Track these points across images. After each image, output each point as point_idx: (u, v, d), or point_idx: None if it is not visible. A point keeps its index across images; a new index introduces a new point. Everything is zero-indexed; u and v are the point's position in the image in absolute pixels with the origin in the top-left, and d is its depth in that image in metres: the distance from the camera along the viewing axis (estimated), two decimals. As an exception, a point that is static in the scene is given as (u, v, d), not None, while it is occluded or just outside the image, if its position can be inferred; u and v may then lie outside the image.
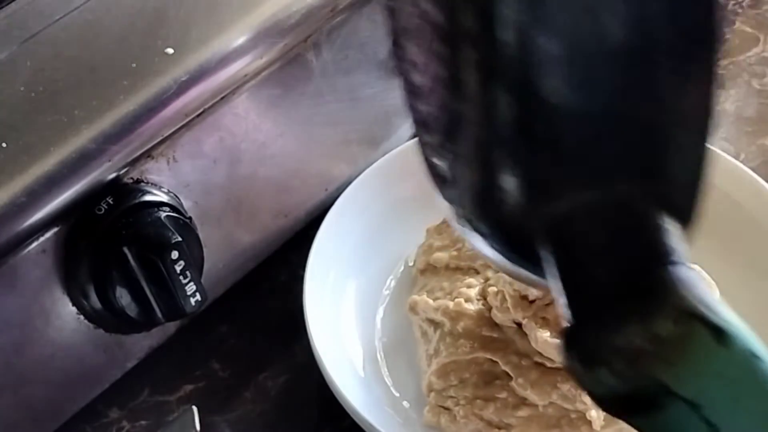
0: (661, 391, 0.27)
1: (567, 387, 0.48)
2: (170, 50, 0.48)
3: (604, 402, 0.29)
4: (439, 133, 0.30)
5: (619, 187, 0.29)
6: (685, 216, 0.31)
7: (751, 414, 0.27)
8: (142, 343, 0.53)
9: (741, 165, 0.59)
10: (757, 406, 0.27)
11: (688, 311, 0.27)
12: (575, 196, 0.29)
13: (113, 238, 0.46)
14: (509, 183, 0.29)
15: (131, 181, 0.48)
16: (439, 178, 0.31)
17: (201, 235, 0.50)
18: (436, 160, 0.31)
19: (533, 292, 0.50)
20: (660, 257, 0.28)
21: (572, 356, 0.29)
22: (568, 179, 0.29)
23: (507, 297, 0.50)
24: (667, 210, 0.30)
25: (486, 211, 0.30)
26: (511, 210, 0.29)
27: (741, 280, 0.56)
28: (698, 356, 0.27)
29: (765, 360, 0.27)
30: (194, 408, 0.47)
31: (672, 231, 0.30)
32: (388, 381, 0.54)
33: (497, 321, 0.50)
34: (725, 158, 0.60)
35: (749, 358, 0.27)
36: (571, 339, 0.29)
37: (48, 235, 0.46)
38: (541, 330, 0.49)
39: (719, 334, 0.27)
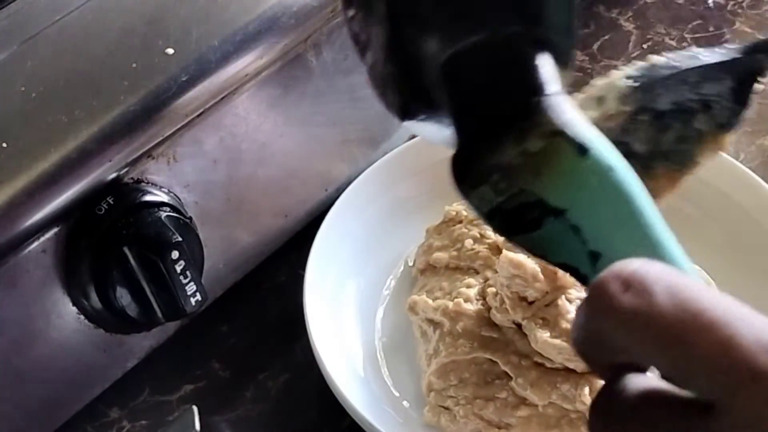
0: (535, 206, 0.32)
1: (567, 387, 0.48)
2: (170, 50, 0.48)
3: (491, 220, 0.33)
4: (357, 5, 0.36)
5: (500, 30, 0.33)
6: (563, 55, 0.34)
7: (605, 215, 0.31)
8: (142, 343, 0.53)
9: (741, 165, 0.59)
10: (609, 208, 0.31)
11: (554, 130, 0.32)
12: (464, 39, 0.33)
13: (113, 238, 0.46)
14: (411, 35, 0.34)
15: (131, 181, 0.48)
16: (359, 45, 0.36)
17: (201, 235, 0.50)
18: (356, 29, 0.36)
19: (532, 294, 0.50)
20: (535, 88, 0.33)
21: (460, 177, 0.33)
22: (456, 24, 0.34)
23: (505, 299, 0.50)
24: (545, 50, 0.34)
25: (396, 65, 0.35)
26: (414, 60, 0.34)
27: (741, 280, 0.56)
28: (562, 167, 0.31)
29: (618, 171, 0.31)
30: (194, 408, 0.47)
31: (548, 67, 0.33)
32: (388, 381, 0.54)
33: (496, 321, 0.50)
34: (725, 158, 0.60)
35: (605, 168, 0.31)
36: (458, 162, 0.33)
37: (48, 235, 0.46)
38: (540, 330, 0.49)
39: (580, 148, 0.31)
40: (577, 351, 0.29)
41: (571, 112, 0.32)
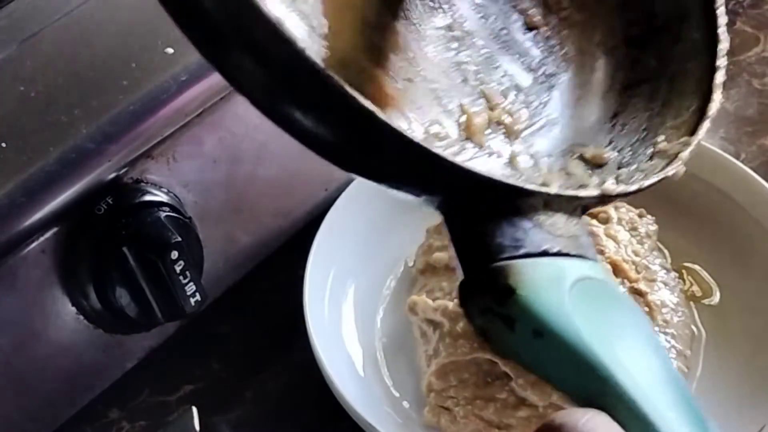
0: None
1: (567, 387, 0.48)
2: (170, 50, 0.48)
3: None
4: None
5: (448, 200, 0.33)
6: (517, 205, 0.34)
7: (552, 371, 0.32)
8: (142, 343, 0.53)
9: (741, 165, 0.59)
10: (548, 368, 0.32)
11: (485, 307, 0.32)
12: (431, 202, 0.34)
13: (113, 238, 0.46)
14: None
15: (131, 181, 0.48)
16: None
17: (201, 235, 0.50)
18: None
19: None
20: (484, 257, 0.32)
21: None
22: (420, 188, 0.33)
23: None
24: (502, 213, 0.33)
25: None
26: None
27: (741, 280, 0.56)
28: (502, 340, 0.32)
29: (546, 335, 0.31)
30: (194, 408, 0.47)
31: (501, 231, 0.33)
32: (388, 381, 0.54)
33: (497, 321, 0.50)
34: (725, 158, 0.60)
35: (532, 337, 0.31)
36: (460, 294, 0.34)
37: (47, 235, 0.46)
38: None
39: (507, 322, 0.32)
40: None
41: (507, 279, 0.32)
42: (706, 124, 0.39)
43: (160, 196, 0.48)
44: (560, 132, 0.40)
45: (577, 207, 0.35)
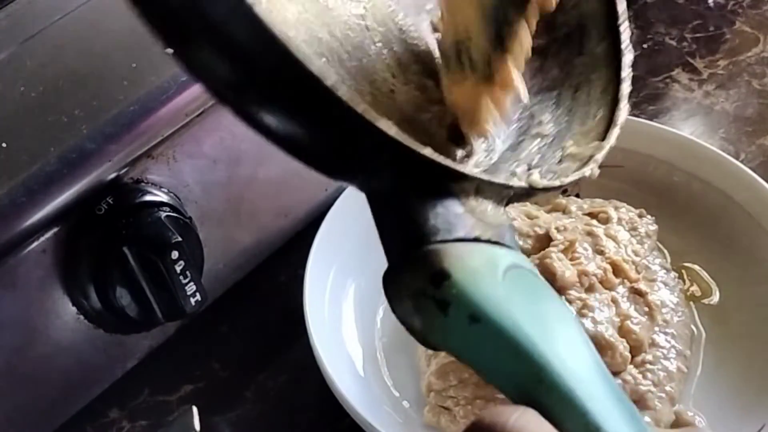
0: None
1: (567, 387, 0.48)
2: (170, 50, 0.48)
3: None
4: None
5: (373, 182, 0.33)
6: (446, 186, 0.33)
7: (483, 358, 0.31)
8: (142, 343, 0.53)
9: (741, 165, 0.59)
10: (483, 353, 0.31)
11: (417, 290, 0.31)
12: (352, 182, 0.33)
13: (113, 238, 0.46)
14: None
15: (131, 181, 0.48)
16: None
17: (201, 235, 0.50)
18: None
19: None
20: (411, 239, 0.32)
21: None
22: (341, 168, 0.33)
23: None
24: (426, 193, 0.33)
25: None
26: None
27: (741, 280, 0.56)
28: (434, 326, 0.31)
29: (482, 319, 0.30)
30: (194, 408, 0.47)
31: (429, 213, 0.32)
32: (388, 381, 0.54)
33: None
34: (725, 158, 0.60)
35: (467, 322, 0.31)
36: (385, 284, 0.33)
37: (48, 235, 0.46)
38: (541, 330, 0.49)
39: (442, 306, 0.31)
40: None
41: (440, 262, 0.31)
42: (615, 131, 0.39)
43: (161, 196, 0.48)
44: None
45: (504, 197, 0.35)
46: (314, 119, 0.30)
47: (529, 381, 0.30)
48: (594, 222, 0.56)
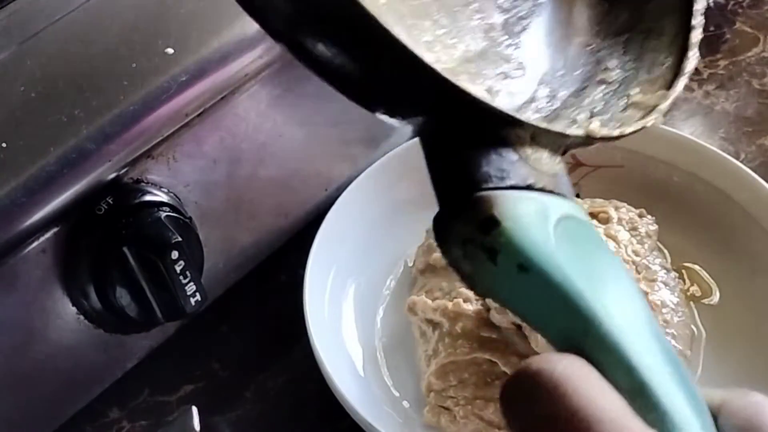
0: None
1: (567, 387, 0.48)
2: (170, 50, 0.48)
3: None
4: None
5: (427, 124, 0.32)
6: (501, 132, 0.32)
7: (532, 309, 0.31)
8: (142, 343, 0.53)
9: (741, 165, 0.59)
10: (533, 304, 0.31)
11: (467, 237, 0.31)
12: (409, 119, 0.33)
13: (113, 238, 0.46)
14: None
15: (131, 181, 0.48)
16: None
17: (201, 235, 0.50)
18: None
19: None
20: (465, 184, 0.31)
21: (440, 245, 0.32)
22: (398, 105, 0.32)
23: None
24: (486, 139, 0.32)
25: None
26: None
27: (741, 280, 0.56)
28: (480, 275, 0.31)
29: (532, 269, 0.30)
30: (194, 408, 0.47)
31: (483, 159, 0.32)
32: (388, 381, 0.54)
33: (495, 322, 0.50)
34: (725, 158, 0.60)
35: (516, 271, 0.30)
36: (435, 229, 0.32)
37: (48, 235, 0.46)
38: (541, 330, 0.49)
39: (491, 253, 0.30)
40: None
41: (492, 209, 0.31)
42: (683, 80, 0.38)
43: (161, 196, 0.48)
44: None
45: (561, 146, 0.34)
46: (366, 55, 0.30)
47: (577, 332, 0.30)
48: (594, 222, 0.56)
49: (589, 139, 0.35)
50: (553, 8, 0.41)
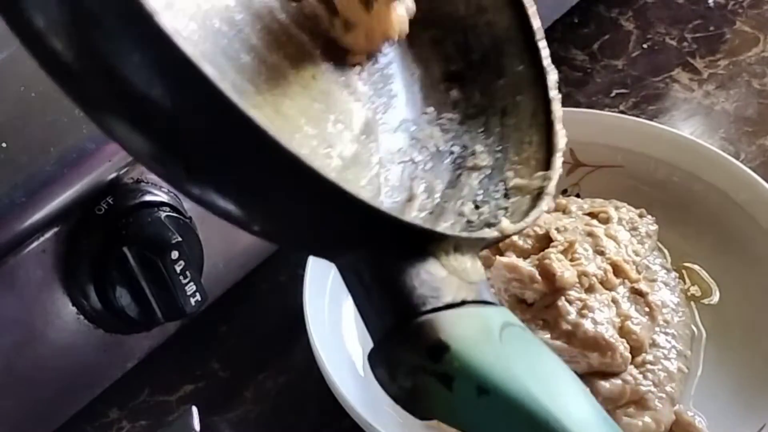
0: None
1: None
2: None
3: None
4: None
5: (350, 257, 0.31)
6: (425, 247, 0.31)
7: (496, 428, 0.29)
8: (142, 343, 0.53)
9: (741, 165, 0.59)
10: (498, 426, 0.29)
11: (416, 366, 0.29)
12: (330, 257, 0.31)
13: (113, 238, 0.46)
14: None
15: (131, 181, 0.48)
16: None
17: (201, 235, 0.50)
18: None
19: (530, 295, 0.50)
20: (401, 312, 0.30)
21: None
22: (318, 245, 0.32)
23: (503, 301, 0.50)
24: (405, 257, 0.30)
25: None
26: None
27: (741, 280, 0.56)
28: (437, 402, 0.29)
29: (491, 392, 0.29)
30: (194, 408, 0.47)
31: (414, 280, 0.30)
32: (388, 381, 0.54)
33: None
34: (725, 158, 0.60)
35: (475, 395, 0.29)
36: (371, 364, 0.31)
37: (48, 235, 0.45)
38: (541, 332, 0.49)
39: (445, 380, 0.29)
40: None
41: (436, 333, 0.29)
42: (559, 157, 0.37)
43: (160, 196, 0.48)
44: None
45: (479, 249, 0.33)
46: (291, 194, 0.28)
47: None
48: (594, 222, 0.56)
49: (504, 237, 0.34)
50: (407, 99, 0.40)
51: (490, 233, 0.34)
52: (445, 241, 0.31)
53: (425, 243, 0.30)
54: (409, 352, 0.29)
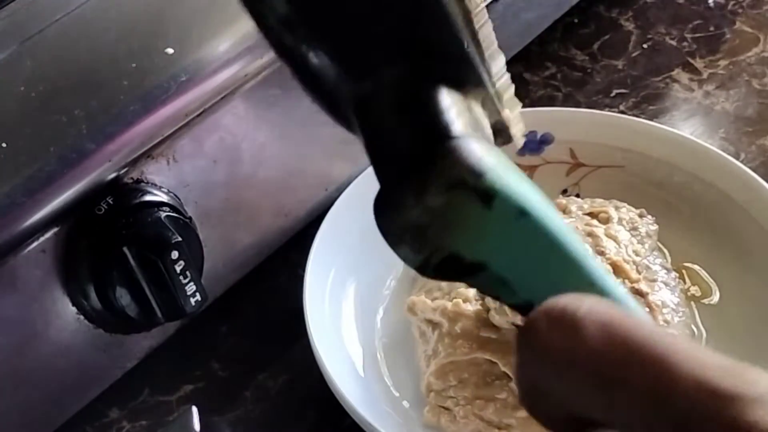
0: (456, 260, 0.29)
1: (567, 387, 0.48)
2: (170, 50, 0.48)
3: (424, 273, 0.31)
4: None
5: (385, 73, 0.31)
6: (466, 85, 0.32)
7: (525, 263, 0.29)
8: (142, 343, 0.53)
9: (741, 165, 0.59)
10: (527, 256, 0.29)
11: (453, 182, 0.28)
12: (354, 82, 0.31)
13: (113, 238, 0.46)
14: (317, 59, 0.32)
15: (131, 181, 0.48)
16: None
17: (201, 235, 0.50)
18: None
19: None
20: (432, 133, 0.29)
21: (383, 231, 0.31)
22: (342, 68, 0.31)
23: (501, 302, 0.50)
24: (444, 85, 0.31)
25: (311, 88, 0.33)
26: (327, 86, 0.32)
27: (741, 280, 0.56)
28: (468, 222, 0.28)
29: (530, 214, 0.28)
30: (194, 408, 0.47)
31: (448, 107, 0.30)
32: (388, 381, 0.54)
33: (495, 323, 0.50)
34: (725, 158, 0.60)
35: (514, 216, 0.28)
36: (378, 213, 0.31)
37: (48, 235, 0.45)
38: (541, 330, 0.49)
39: (484, 197, 0.28)
40: (527, 410, 0.27)
41: (474, 155, 0.29)
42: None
43: (160, 196, 0.48)
44: None
45: (492, 122, 0.34)
46: None
47: (568, 283, 0.28)
48: (594, 222, 0.56)
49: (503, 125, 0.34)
50: None
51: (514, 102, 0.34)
52: (483, 88, 0.32)
53: (470, 81, 0.31)
54: (449, 169, 0.29)
